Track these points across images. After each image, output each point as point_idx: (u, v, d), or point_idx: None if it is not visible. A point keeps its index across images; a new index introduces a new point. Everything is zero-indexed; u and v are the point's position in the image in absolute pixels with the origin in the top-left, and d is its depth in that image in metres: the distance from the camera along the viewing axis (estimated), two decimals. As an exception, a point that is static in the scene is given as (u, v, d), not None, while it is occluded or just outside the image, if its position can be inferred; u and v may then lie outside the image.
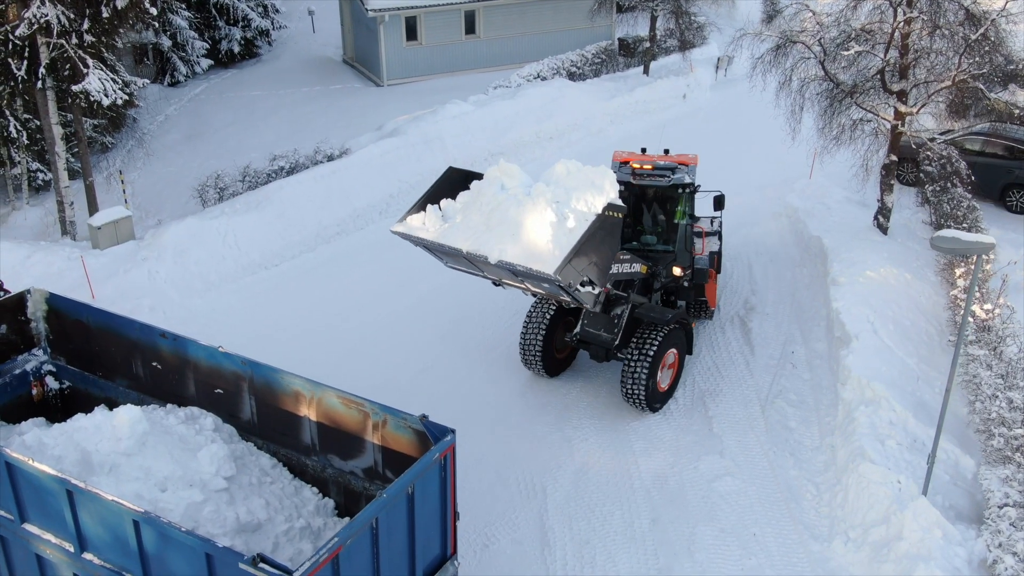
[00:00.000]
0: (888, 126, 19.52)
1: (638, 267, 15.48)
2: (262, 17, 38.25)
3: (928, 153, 20.62)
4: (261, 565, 8.39)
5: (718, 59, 34.82)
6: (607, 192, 13.57)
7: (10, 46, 20.24)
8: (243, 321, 19.68)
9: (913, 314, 17.79)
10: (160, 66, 35.55)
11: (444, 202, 14.58)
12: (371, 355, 18.33)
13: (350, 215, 23.65)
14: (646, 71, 33.36)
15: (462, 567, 13.34)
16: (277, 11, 40.11)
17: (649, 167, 17.22)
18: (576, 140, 28.92)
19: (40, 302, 13.37)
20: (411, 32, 34.82)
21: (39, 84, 20.69)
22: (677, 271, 16.78)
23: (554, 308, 16.84)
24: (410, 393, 16.77)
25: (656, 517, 14.30)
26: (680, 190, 16.91)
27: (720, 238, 19.23)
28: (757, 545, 13.70)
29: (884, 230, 20.62)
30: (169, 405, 12.46)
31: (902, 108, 19.06)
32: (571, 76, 32.53)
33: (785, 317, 19.33)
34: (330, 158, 25.03)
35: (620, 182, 16.08)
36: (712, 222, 19.46)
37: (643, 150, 18.44)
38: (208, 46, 36.41)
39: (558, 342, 17.17)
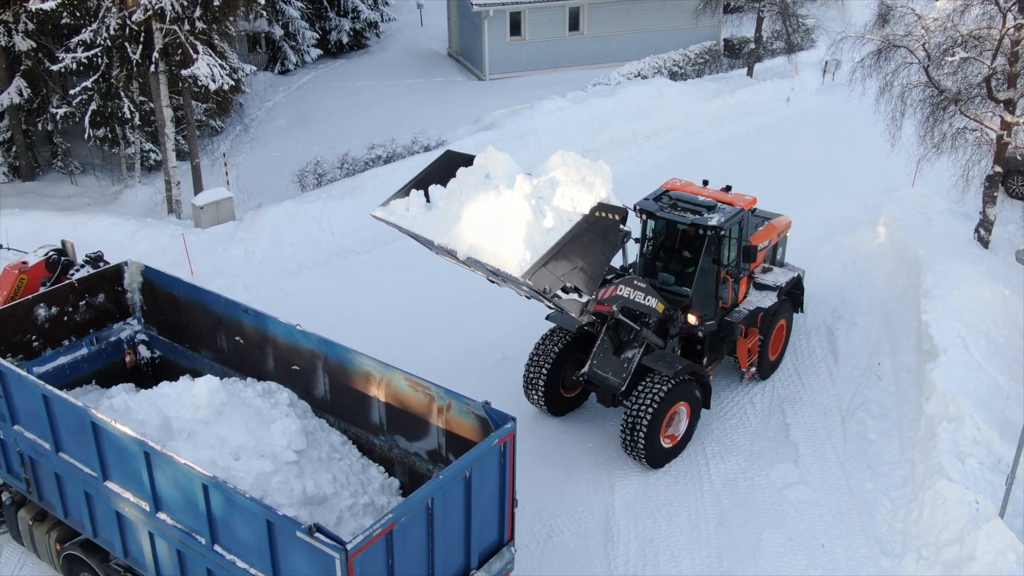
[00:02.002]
0: (993, 136, 18.84)
1: (654, 303, 14.38)
2: (371, 9, 39.06)
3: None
4: (317, 535, 8.69)
5: (825, 62, 34.05)
6: (597, 191, 11.94)
7: (127, 31, 21.21)
8: (331, 303, 20.23)
9: (1008, 331, 17.16)
10: (272, 54, 36.66)
11: (433, 188, 13.32)
12: (453, 342, 18.64)
13: (442, 206, 23.98)
14: (750, 73, 32.88)
15: (524, 555, 13.56)
16: (387, 3, 40.89)
17: (684, 201, 15.60)
18: (673, 140, 28.72)
19: (136, 274, 14.03)
20: (515, 27, 35.10)
21: (152, 68, 21.63)
22: (692, 319, 15.31)
23: (566, 340, 15.71)
24: (488, 380, 17.05)
25: (723, 520, 14.19)
26: (704, 231, 15.10)
27: (784, 294, 16.92)
28: (824, 556, 13.47)
29: (985, 244, 19.92)
30: (249, 379, 12.94)
31: (1008, 118, 18.37)
32: (672, 76, 32.32)
33: (874, 328, 18.87)
34: (426, 149, 25.46)
35: (644, 211, 15.40)
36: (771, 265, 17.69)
37: (704, 183, 16.72)
38: (318, 36, 37.38)
39: (567, 379, 16.03)
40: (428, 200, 13.26)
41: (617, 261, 14.12)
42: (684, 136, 29.01)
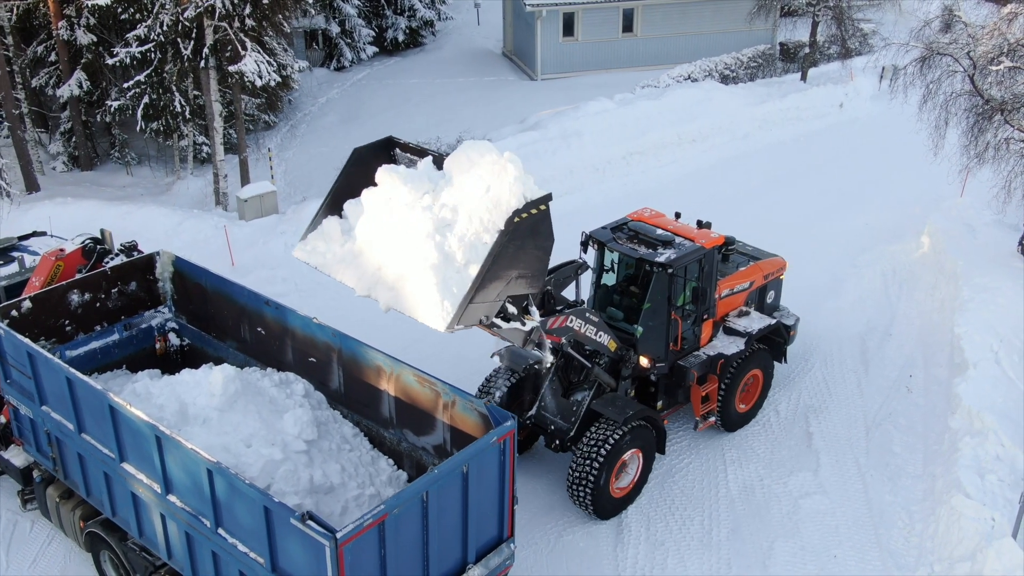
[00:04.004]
0: (1038, 147, 18.44)
1: (606, 339, 13.44)
2: (427, 8, 39.46)
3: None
4: (309, 522, 8.94)
5: (883, 68, 33.48)
6: (507, 201, 10.44)
7: (179, 27, 21.81)
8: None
9: (1045, 346, 16.79)
10: (328, 51, 37.28)
11: (348, 205, 11.56)
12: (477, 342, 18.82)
13: (482, 204, 24.18)
14: (803, 77, 32.51)
15: (534, 553, 13.70)
16: (444, 2, 41.28)
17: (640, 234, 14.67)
18: (719, 144, 28.51)
19: (167, 264, 14.47)
20: (568, 28, 35.19)
21: (202, 64, 22.21)
22: (644, 362, 14.41)
23: (512, 380, 14.63)
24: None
25: (736, 527, 14.15)
26: (652, 268, 14.00)
27: (755, 342, 15.77)
28: (836, 567, 13.37)
29: (1028, 257, 19.49)
30: (269, 369, 13.28)
31: (1055, 129, 17.98)
32: (724, 79, 32.11)
33: (908, 339, 18.59)
34: (471, 147, 25.67)
35: (596, 240, 14.53)
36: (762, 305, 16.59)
37: (677, 215, 15.53)
38: (374, 34, 37.91)
39: None
40: (343, 216, 11.73)
41: (571, 293, 13.73)
42: (731, 140, 28.78)
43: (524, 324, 11.24)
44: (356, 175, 11.58)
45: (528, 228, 10.55)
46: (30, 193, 25.13)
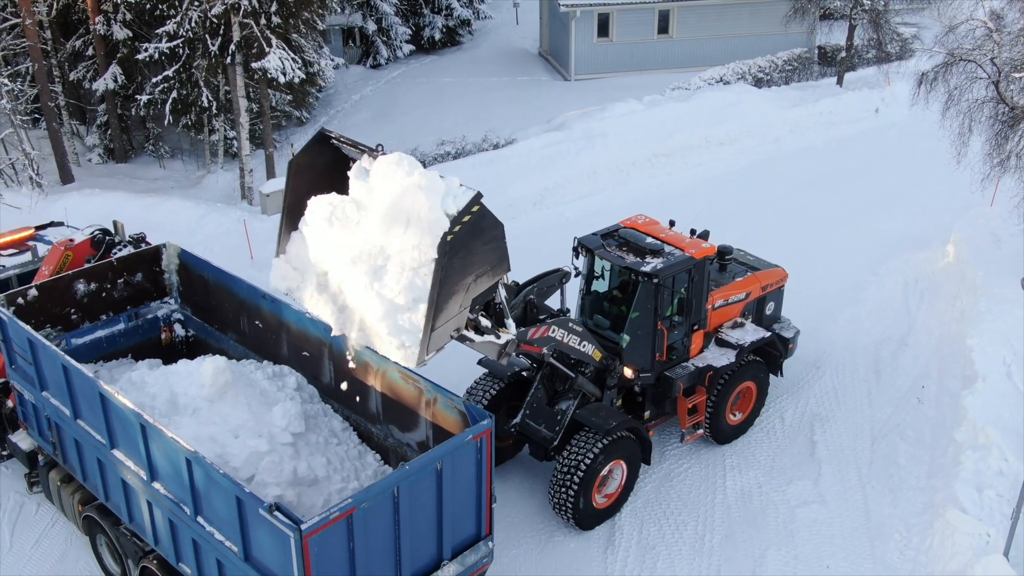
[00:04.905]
0: (1062, 156, 18.02)
1: (591, 349, 13.29)
2: (464, 7, 39.62)
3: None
4: (276, 513, 9.08)
5: (922, 74, 32.84)
6: (432, 223, 9.68)
7: (207, 24, 22.18)
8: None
9: (1062, 361, 16.40)
10: (365, 49, 37.61)
11: (302, 226, 10.84)
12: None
13: (503, 204, 24.07)
14: (839, 82, 32.09)
15: (524, 553, 13.72)
16: (483, 1, 41.43)
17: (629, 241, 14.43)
18: (749, 148, 28.24)
19: (173, 256, 14.74)
20: (603, 28, 35.13)
21: (228, 60, 22.57)
22: (628, 372, 14.21)
23: (498, 387, 14.57)
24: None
25: (729, 534, 14.05)
26: (636, 277, 13.76)
27: (747, 354, 15.41)
28: (827, 577, 13.23)
29: (1052, 268, 19.03)
30: (265, 361, 13.47)
31: (1080, 137, 17.55)
32: (758, 82, 31.80)
33: (925, 350, 18.27)
34: (496, 147, 25.81)
35: (584, 247, 14.32)
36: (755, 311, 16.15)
37: (671, 223, 15.38)
38: (411, 32, 38.17)
39: (499, 428, 14.21)
40: (298, 229, 11.01)
41: (555, 303, 13.56)
42: (761, 144, 28.49)
43: (499, 337, 11.00)
44: (301, 188, 10.96)
45: (466, 235, 9.74)
46: (64, 184, 25.72)
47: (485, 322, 10.97)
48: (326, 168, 10.83)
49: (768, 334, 15.78)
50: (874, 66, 32.49)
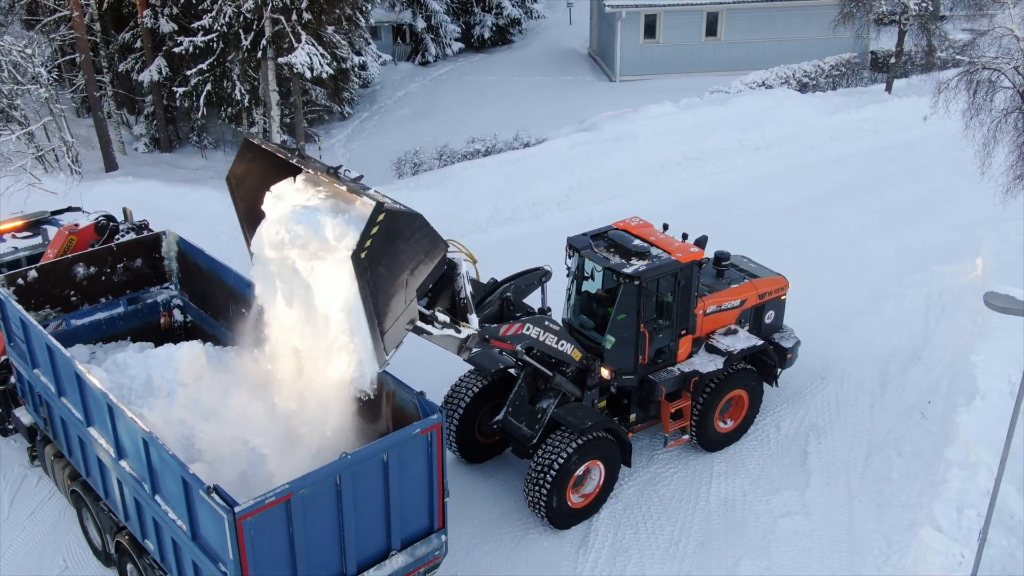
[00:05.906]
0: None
1: (569, 349, 13.36)
2: (515, 6, 39.78)
3: None
4: (213, 495, 9.34)
5: (975, 82, 31.96)
6: (341, 254, 9.96)
7: (240, 19, 22.73)
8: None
9: (1070, 381, 15.84)
10: (415, 46, 38.03)
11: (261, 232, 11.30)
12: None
13: (527, 203, 24.31)
14: (888, 88, 31.41)
15: (496, 550, 13.79)
16: (536, 1, 41.53)
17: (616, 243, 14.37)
18: (785, 154, 27.79)
19: (173, 243, 15.16)
20: (649, 30, 34.96)
21: (260, 54, 23.09)
22: (605, 373, 14.17)
23: (482, 383, 14.65)
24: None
25: (705, 541, 13.93)
26: (619, 279, 13.74)
27: (737, 362, 15.25)
28: (799, 590, 13.05)
29: (1075, 285, 18.39)
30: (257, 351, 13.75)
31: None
32: (803, 87, 31.28)
33: (938, 365, 17.81)
34: (526, 145, 25.89)
35: (572, 246, 14.35)
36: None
37: (665, 227, 15.14)
38: (460, 30, 38.46)
39: (483, 425, 14.93)
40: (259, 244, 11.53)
41: (535, 301, 13.55)
42: (799, 151, 28.02)
43: (459, 331, 11.05)
44: (247, 196, 11.38)
45: (382, 242, 9.65)
46: (108, 172, 26.59)
47: (443, 317, 11.05)
48: (266, 172, 11.20)
49: (761, 342, 15.56)
50: (930, 72, 31.69)
